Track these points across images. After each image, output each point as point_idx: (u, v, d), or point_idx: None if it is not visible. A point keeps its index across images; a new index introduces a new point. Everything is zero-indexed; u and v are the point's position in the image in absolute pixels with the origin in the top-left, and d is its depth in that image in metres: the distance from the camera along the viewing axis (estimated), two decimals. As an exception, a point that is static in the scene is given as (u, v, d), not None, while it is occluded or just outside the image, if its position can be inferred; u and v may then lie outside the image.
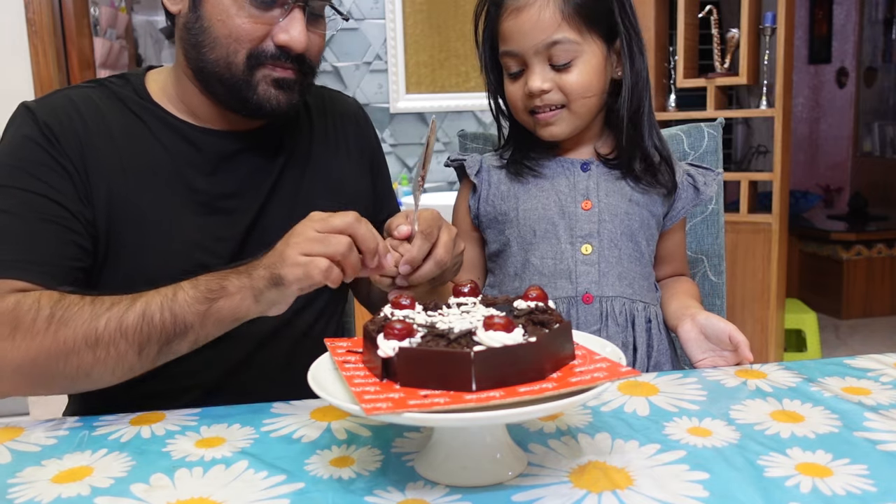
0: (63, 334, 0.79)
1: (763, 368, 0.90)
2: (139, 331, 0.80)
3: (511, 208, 1.06)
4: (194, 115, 0.99)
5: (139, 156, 0.94)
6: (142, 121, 0.96)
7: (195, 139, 0.97)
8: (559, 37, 0.95)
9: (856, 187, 4.94)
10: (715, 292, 1.25)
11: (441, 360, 0.59)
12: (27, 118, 0.91)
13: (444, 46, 2.94)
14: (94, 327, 0.79)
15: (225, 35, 0.90)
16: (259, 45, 0.90)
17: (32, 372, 0.80)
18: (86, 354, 0.79)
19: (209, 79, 0.93)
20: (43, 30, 2.58)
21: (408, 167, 2.98)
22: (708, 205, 1.24)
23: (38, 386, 0.82)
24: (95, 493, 0.63)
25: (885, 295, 4.05)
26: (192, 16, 0.91)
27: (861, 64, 5.01)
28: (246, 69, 0.91)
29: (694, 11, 2.75)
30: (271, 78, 0.92)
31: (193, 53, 0.93)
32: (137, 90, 0.98)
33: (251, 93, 0.92)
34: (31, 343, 0.79)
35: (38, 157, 0.89)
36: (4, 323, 0.79)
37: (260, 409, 0.82)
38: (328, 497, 0.61)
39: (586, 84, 0.98)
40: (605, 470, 0.64)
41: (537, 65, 0.97)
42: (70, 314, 0.79)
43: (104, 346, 0.79)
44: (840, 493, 0.59)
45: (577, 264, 1.02)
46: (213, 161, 0.97)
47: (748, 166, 4.11)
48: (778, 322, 2.69)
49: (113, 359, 0.80)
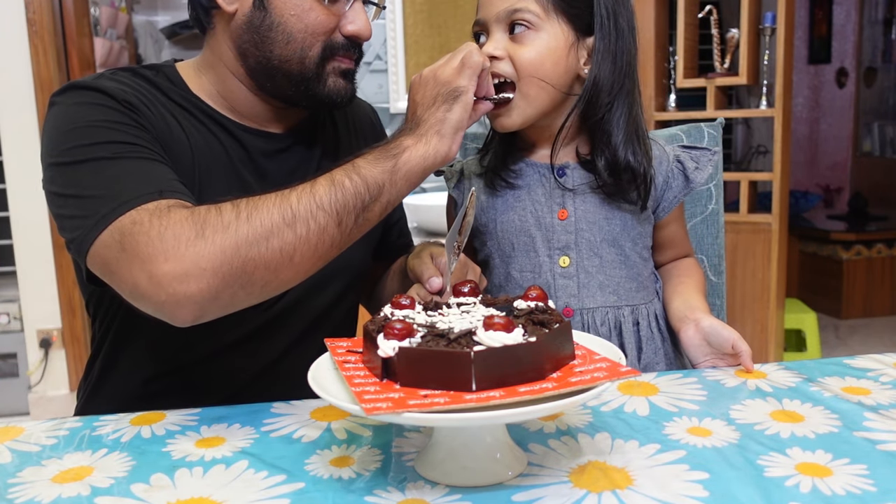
0: (257, 218, 0.76)
1: (763, 368, 0.90)
2: (335, 199, 0.78)
3: (490, 220, 1.04)
4: (236, 112, 0.98)
5: (204, 149, 0.93)
6: (190, 112, 0.95)
7: (240, 136, 0.97)
8: (521, 6, 0.94)
9: (856, 187, 4.94)
10: (715, 292, 1.25)
11: (441, 360, 0.59)
12: (89, 93, 0.86)
13: (444, 46, 2.94)
14: (288, 206, 0.77)
15: (300, 30, 0.90)
16: (331, 37, 0.92)
17: (234, 264, 0.75)
18: (286, 233, 0.76)
19: (275, 76, 0.93)
20: (43, 30, 2.58)
21: (408, 167, 2.98)
22: (708, 204, 1.24)
23: (239, 284, 0.76)
24: (95, 493, 0.63)
25: (885, 295, 4.05)
26: (257, 13, 0.91)
27: (861, 64, 5.01)
28: (319, 62, 0.92)
29: (694, 11, 2.75)
30: (339, 70, 0.94)
31: (256, 51, 0.92)
32: (174, 81, 0.97)
33: (321, 86, 0.94)
34: (227, 234, 0.75)
35: (121, 118, 0.85)
36: (188, 226, 0.74)
37: (260, 408, 0.82)
38: (328, 497, 0.61)
39: (538, 63, 0.94)
40: (604, 470, 0.64)
41: (497, 32, 0.96)
42: (255, 202, 0.77)
43: (303, 222, 0.77)
44: (840, 493, 0.59)
45: (556, 277, 1.00)
46: (256, 159, 0.98)
47: (748, 166, 4.11)
48: (778, 322, 2.69)
49: (315, 234, 0.78)
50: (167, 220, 0.75)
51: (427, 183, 2.99)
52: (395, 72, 2.92)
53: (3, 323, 2.83)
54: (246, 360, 0.98)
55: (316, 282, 1.00)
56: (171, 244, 0.74)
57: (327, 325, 1.04)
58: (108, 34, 3.00)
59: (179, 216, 0.75)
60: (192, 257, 0.73)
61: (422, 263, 0.92)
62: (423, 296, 0.87)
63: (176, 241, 0.74)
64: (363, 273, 1.12)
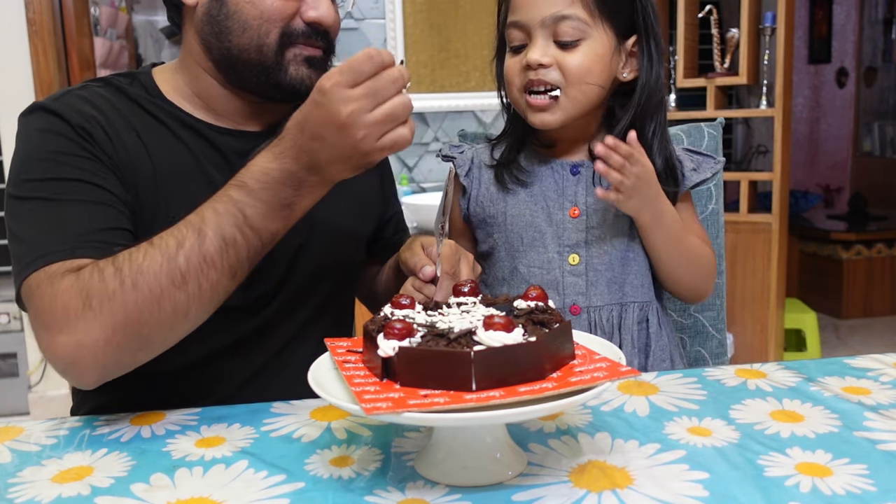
0: (144, 283, 0.75)
1: (763, 368, 0.90)
2: (227, 257, 0.77)
3: (500, 212, 1.04)
4: (212, 111, 0.97)
5: (166, 159, 0.92)
6: (160, 121, 0.94)
7: (213, 139, 0.96)
8: (569, 12, 0.93)
9: (856, 187, 4.94)
10: (715, 292, 1.25)
11: (441, 359, 0.59)
12: (48, 117, 0.88)
13: (444, 46, 2.94)
14: (176, 268, 0.76)
15: (255, 16, 0.89)
16: (290, 23, 0.91)
17: (127, 331, 0.75)
18: (178, 295, 0.76)
19: (237, 66, 0.92)
20: (43, 30, 2.58)
21: (408, 167, 2.98)
22: (708, 204, 1.24)
23: (137, 347, 0.78)
24: (95, 493, 0.63)
25: (885, 295, 4.05)
26: (214, 4, 0.90)
27: (861, 64, 5.01)
28: (278, 50, 0.91)
29: (694, 11, 2.76)
30: (302, 57, 0.92)
31: (217, 42, 0.92)
32: (149, 89, 0.96)
33: (283, 74, 0.92)
34: (114, 303, 0.74)
35: (72, 149, 0.86)
36: (73, 298, 0.75)
37: (260, 408, 0.82)
38: (328, 497, 0.61)
39: (587, 68, 0.95)
40: (604, 469, 0.64)
41: (541, 38, 0.94)
42: (138, 263, 0.76)
43: (194, 281, 0.76)
44: (840, 492, 0.59)
45: (565, 275, 1.00)
46: (232, 161, 0.96)
47: (748, 166, 4.11)
48: (778, 322, 2.69)
49: (208, 290, 0.78)
50: (57, 287, 0.76)
51: (427, 183, 2.99)
52: (395, 72, 2.91)
53: (3, 323, 2.83)
54: (240, 363, 0.97)
55: (305, 282, 0.99)
56: (61, 315, 0.75)
57: (320, 324, 1.04)
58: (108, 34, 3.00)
59: (66, 284, 0.76)
60: (83, 329, 0.75)
61: (413, 255, 0.91)
62: (417, 287, 0.87)
63: (65, 312, 0.75)
64: (354, 270, 1.11)
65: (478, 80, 2.94)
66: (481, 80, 2.92)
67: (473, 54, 2.93)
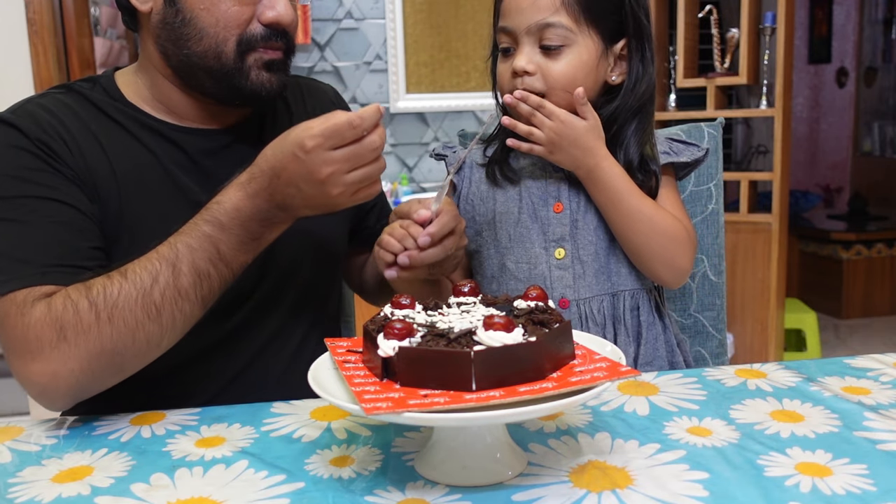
0: (120, 318, 0.78)
1: (763, 368, 0.90)
2: (201, 289, 0.80)
3: (488, 210, 1.05)
4: (173, 114, 0.96)
5: (126, 160, 0.91)
6: (120, 124, 0.93)
7: (176, 138, 0.95)
8: (554, 20, 0.94)
9: (856, 187, 4.94)
10: (715, 292, 1.25)
11: (441, 359, 0.59)
12: (7, 130, 0.87)
13: (444, 46, 2.94)
14: (151, 303, 0.78)
15: (212, 24, 0.88)
16: (247, 28, 0.89)
17: (101, 361, 0.78)
18: (152, 327, 0.79)
19: (196, 73, 0.91)
20: (43, 30, 2.58)
21: (408, 167, 2.98)
22: (708, 204, 1.24)
23: (111, 374, 0.81)
24: (96, 493, 0.63)
25: (884, 295, 4.05)
26: (168, 10, 0.88)
27: (861, 64, 5.01)
28: (237, 56, 0.89)
29: (694, 11, 2.76)
30: (262, 61, 0.91)
31: (174, 50, 0.90)
32: (110, 93, 0.95)
33: (244, 80, 0.90)
34: (89, 336, 0.77)
35: (35, 164, 0.86)
36: (46, 329, 0.77)
37: (260, 408, 0.82)
38: (328, 497, 0.61)
39: (571, 77, 0.95)
40: (604, 469, 0.64)
41: (527, 45, 0.96)
42: (114, 298, 0.78)
43: (168, 314, 0.79)
44: (840, 492, 0.59)
45: (552, 269, 1.01)
46: (197, 160, 0.95)
47: (748, 166, 4.10)
48: (778, 322, 2.69)
49: (181, 321, 0.81)
50: (29, 318, 0.78)
51: (427, 182, 2.99)
52: (395, 72, 2.91)
53: (3, 323, 2.83)
54: (227, 360, 0.97)
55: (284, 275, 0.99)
56: (34, 346, 0.77)
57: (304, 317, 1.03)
58: (108, 34, 3.00)
59: (38, 315, 0.78)
60: (58, 358, 0.77)
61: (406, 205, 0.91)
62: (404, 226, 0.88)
63: (39, 342, 0.77)
64: (333, 261, 1.11)
65: (478, 80, 2.95)
66: (481, 80, 2.92)
67: (473, 54, 2.93)
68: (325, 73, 2.88)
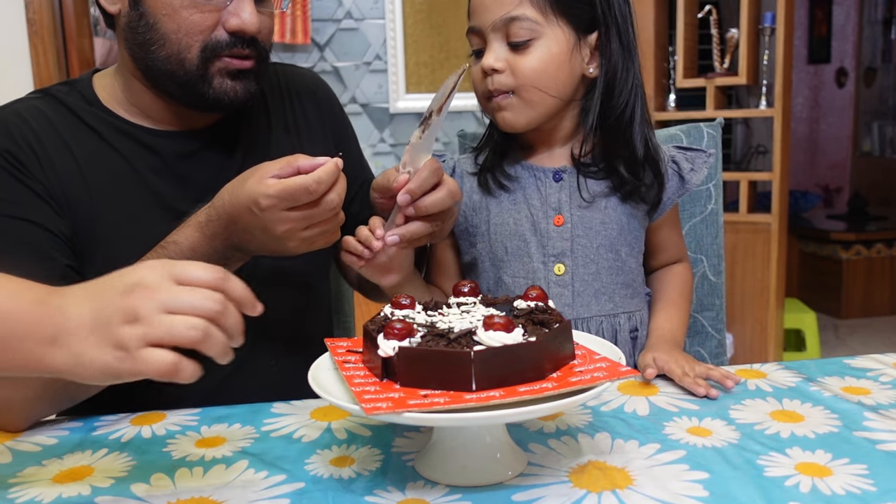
0: None
1: (763, 368, 0.90)
2: None
3: (482, 221, 1.01)
4: (147, 117, 0.95)
5: (97, 166, 0.91)
6: (93, 130, 0.92)
7: (151, 143, 0.94)
8: (518, 13, 0.90)
9: (855, 187, 4.94)
10: (714, 292, 1.25)
11: (441, 359, 0.59)
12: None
13: (444, 46, 2.94)
14: None
15: (174, 30, 0.86)
16: (210, 35, 0.87)
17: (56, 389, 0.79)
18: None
19: (161, 78, 0.90)
20: (43, 30, 2.58)
21: (407, 167, 2.98)
22: (707, 204, 1.24)
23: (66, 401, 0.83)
24: (96, 493, 0.63)
25: (884, 295, 4.05)
26: (133, 14, 0.87)
27: (861, 64, 5.01)
28: (200, 63, 0.87)
29: (693, 11, 2.76)
30: (227, 70, 0.89)
31: (141, 53, 0.89)
32: (86, 97, 0.94)
33: (207, 87, 0.88)
34: None
35: (3, 179, 0.85)
36: None
37: (260, 408, 0.82)
38: (328, 497, 0.61)
39: (540, 71, 0.91)
40: (604, 470, 0.64)
41: (494, 41, 0.92)
42: None
43: None
44: (840, 492, 0.59)
45: (550, 285, 0.97)
46: (172, 163, 0.94)
47: (748, 166, 4.10)
48: (777, 322, 2.69)
49: None
50: None
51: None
52: (395, 72, 2.91)
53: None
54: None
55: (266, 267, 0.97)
56: None
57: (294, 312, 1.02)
58: (108, 34, 3.00)
59: None
60: (11, 386, 0.76)
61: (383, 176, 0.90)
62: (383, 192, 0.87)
63: None
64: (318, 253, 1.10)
65: (478, 80, 2.94)
66: (481, 81, 2.91)
67: (473, 54, 2.93)
68: (324, 74, 2.88)
